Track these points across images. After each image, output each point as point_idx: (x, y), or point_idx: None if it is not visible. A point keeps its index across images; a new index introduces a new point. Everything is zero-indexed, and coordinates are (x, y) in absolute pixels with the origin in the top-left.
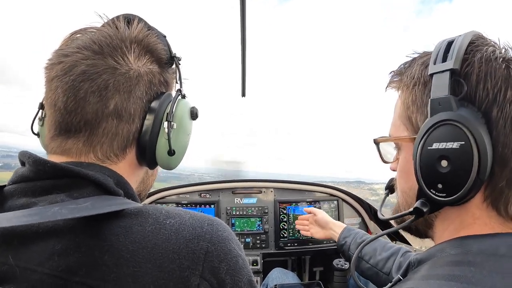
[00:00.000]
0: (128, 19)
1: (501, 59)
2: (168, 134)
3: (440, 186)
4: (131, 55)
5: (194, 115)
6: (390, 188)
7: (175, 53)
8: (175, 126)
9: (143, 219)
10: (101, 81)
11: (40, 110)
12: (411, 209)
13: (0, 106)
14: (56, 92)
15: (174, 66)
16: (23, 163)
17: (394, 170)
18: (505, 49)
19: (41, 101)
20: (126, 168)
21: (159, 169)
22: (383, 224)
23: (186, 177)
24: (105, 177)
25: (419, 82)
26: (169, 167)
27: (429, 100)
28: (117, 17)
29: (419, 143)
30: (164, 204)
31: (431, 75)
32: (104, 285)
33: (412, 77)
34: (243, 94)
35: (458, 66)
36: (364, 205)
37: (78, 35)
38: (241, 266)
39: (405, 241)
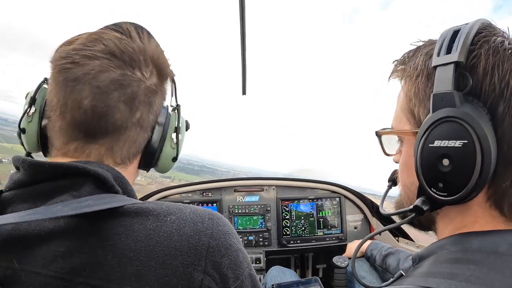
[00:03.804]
0: (139, 30)
1: (510, 50)
2: (177, 143)
3: (441, 185)
4: (149, 70)
5: (187, 127)
6: (393, 180)
7: (171, 69)
8: (180, 137)
9: (143, 217)
10: (130, 91)
11: (32, 106)
12: (411, 206)
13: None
14: (81, 94)
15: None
16: (18, 168)
17: (397, 162)
18: None
19: (32, 95)
20: (132, 171)
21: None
22: (386, 220)
23: (221, 173)
24: (104, 171)
25: (422, 74)
26: (166, 170)
27: (432, 94)
28: (131, 26)
29: (420, 139)
30: None
31: (435, 67)
32: (107, 285)
33: (415, 67)
34: (244, 92)
35: (464, 59)
36: (366, 201)
37: (95, 37)
38: (241, 260)
39: (408, 237)
